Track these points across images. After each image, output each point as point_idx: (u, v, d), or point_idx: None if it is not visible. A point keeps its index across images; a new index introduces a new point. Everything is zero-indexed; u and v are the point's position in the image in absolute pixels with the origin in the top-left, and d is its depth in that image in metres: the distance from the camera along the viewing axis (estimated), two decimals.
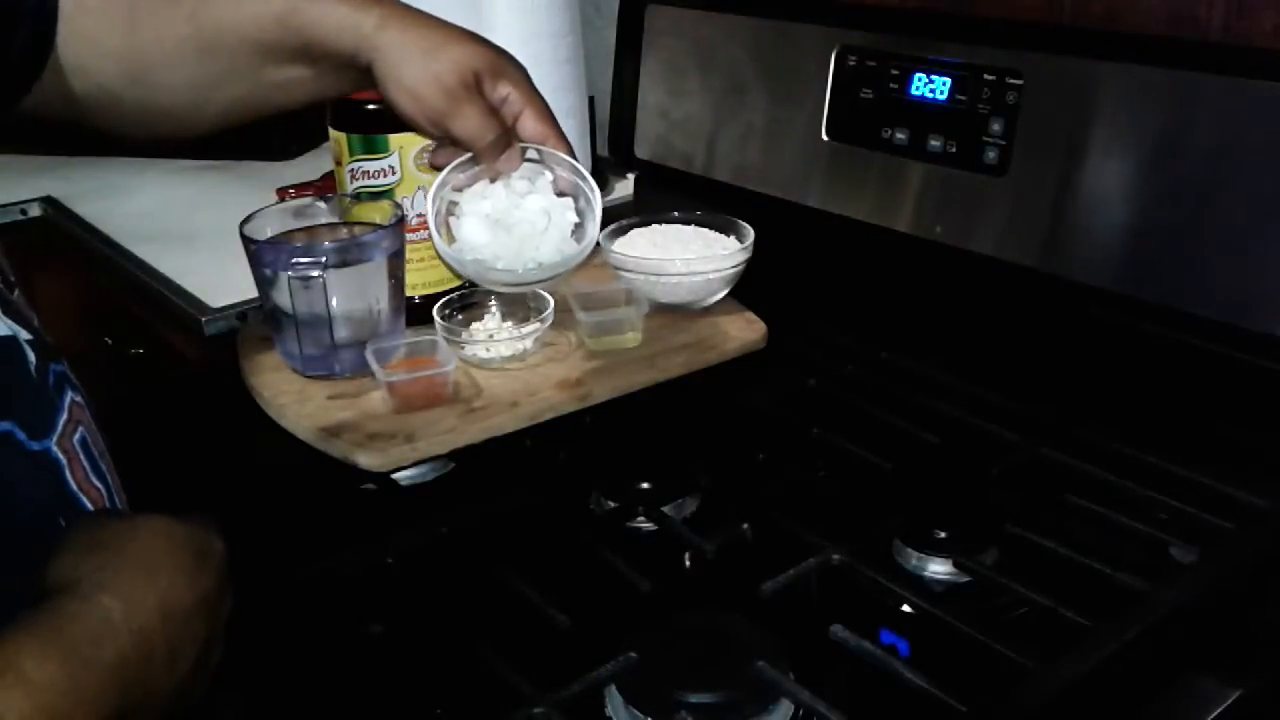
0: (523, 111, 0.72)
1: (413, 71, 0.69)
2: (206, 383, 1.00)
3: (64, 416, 0.57)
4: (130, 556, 0.48)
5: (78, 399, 0.59)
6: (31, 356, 0.55)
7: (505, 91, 0.71)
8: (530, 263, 0.71)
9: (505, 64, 0.72)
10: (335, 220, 0.86)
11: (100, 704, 0.44)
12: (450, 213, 0.73)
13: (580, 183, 0.73)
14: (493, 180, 0.73)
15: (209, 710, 0.62)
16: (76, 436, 0.57)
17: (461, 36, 0.71)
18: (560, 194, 0.74)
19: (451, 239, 0.73)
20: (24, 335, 0.56)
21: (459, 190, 0.73)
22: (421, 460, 0.76)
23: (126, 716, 0.45)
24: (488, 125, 0.70)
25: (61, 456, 0.55)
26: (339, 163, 0.88)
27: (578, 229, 0.74)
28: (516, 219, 0.72)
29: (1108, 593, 0.62)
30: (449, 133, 0.71)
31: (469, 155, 0.72)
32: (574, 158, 0.72)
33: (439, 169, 0.73)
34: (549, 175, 0.74)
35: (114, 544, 0.49)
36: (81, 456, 0.57)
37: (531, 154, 0.73)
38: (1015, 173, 0.88)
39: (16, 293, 0.59)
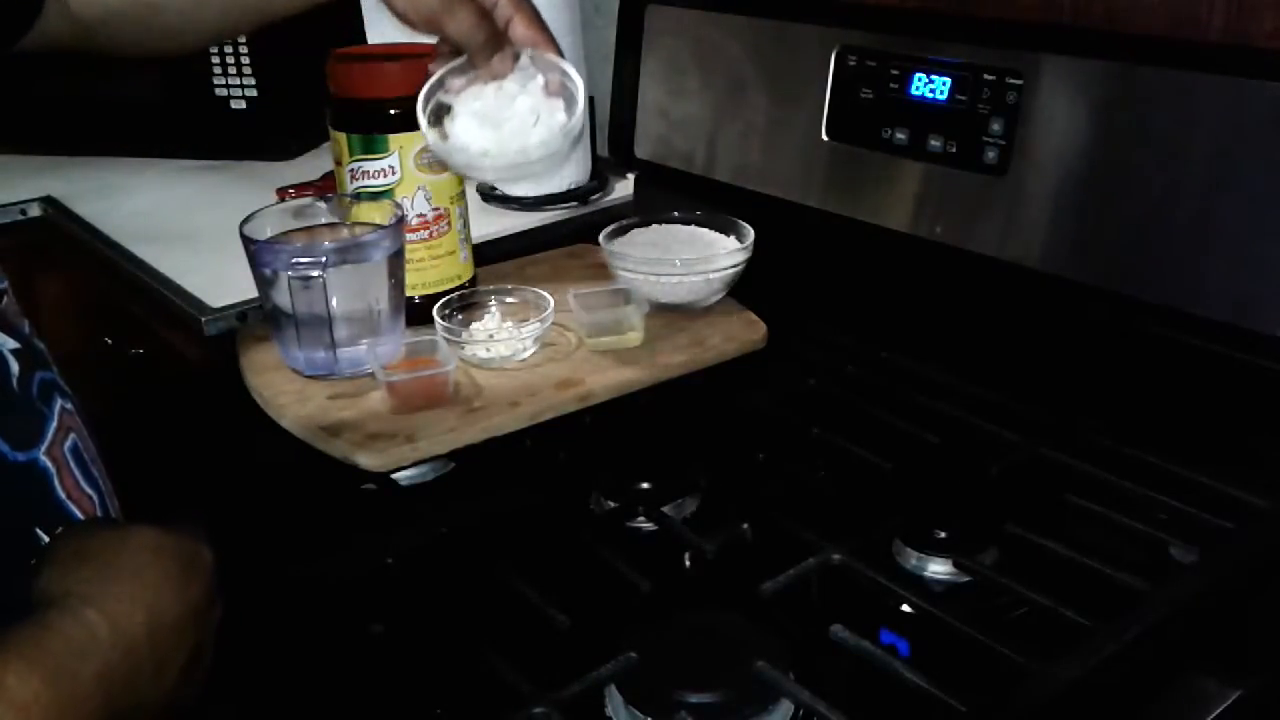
0: (513, 16, 0.73)
1: None
2: (206, 383, 1.00)
3: (54, 424, 0.57)
4: (118, 568, 0.48)
5: (68, 406, 0.59)
6: (14, 367, 0.55)
7: None
8: (517, 156, 0.72)
9: None
10: (335, 220, 0.86)
11: (85, 718, 0.44)
12: (445, 115, 0.75)
13: (567, 83, 0.74)
14: (486, 83, 0.74)
15: (206, 711, 0.62)
16: (67, 444, 0.57)
17: None
18: (551, 96, 0.75)
19: (445, 139, 0.75)
20: (9, 345, 0.55)
21: (454, 94, 0.74)
22: (421, 460, 0.76)
23: None
24: (479, 26, 0.71)
25: (50, 465, 0.55)
26: (339, 163, 0.88)
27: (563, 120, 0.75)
28: (506, 118, 0.73)
29: (1108, 593, 0.62)
30: (443, 32, 0.72)
31: (462, 60, 0.73)
32: (563, 58, 0.73)
33: None
34: (540, 79, 0.74)
35: (102, 555, 0.49)
36: (71, 464, 0.57)
37: (523, 60, 0.74)
38: (1015, 173, 0.88)
39: (5, 300, 0.59)
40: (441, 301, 0.87)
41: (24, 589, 0.47)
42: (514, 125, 0.73)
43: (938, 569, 0.67)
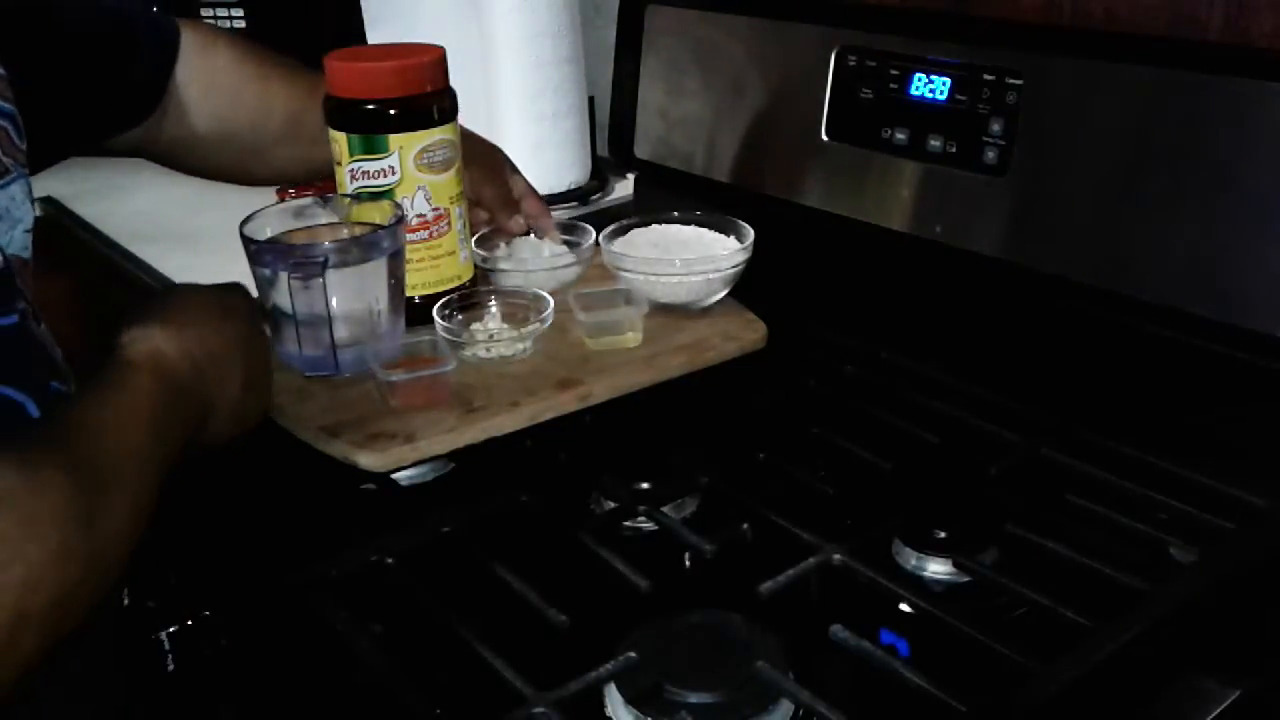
0: (525, 194, 0.99)
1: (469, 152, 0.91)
2: None
3: None
4: (162, 315, 0.63)
5: None
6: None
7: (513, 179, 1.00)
8: (549, 277, 0.94)
9: (509, 160, 1.01)
10: (335, 220, 0.86)
11: (184, 410, 0.60)
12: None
13: (573, 235, 0.99)
14: (507, 242, 0.98)
15: (208, 709, 0.62)
16: None
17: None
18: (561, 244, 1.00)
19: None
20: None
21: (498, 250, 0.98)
22: (421, 460, 0.76)
23: (202, 422, 0.62)
24: (505, 200, 0.97)
25: None
26: (339, 163, 0.88)
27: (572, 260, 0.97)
28: (540, 256, 0.98)
29: (1108, 593, 0.62)
30: (481, 201, 0.96)
31: (490, 228, 0.98)
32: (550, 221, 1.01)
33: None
34: (548, 236, 1.00)
35: (149, 310, 0.64)
36: None
37: (533, 237, 1.00)
38: (1015, 173, 0.88)
39: (43, 325, 0.64)
40: (441, 301, 0.87)
41: None
42: (543, 261, 0.96)
43: (938, 569, 0.67)
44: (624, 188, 1.31)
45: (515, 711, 0.56)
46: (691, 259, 0.89)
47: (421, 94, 0.86)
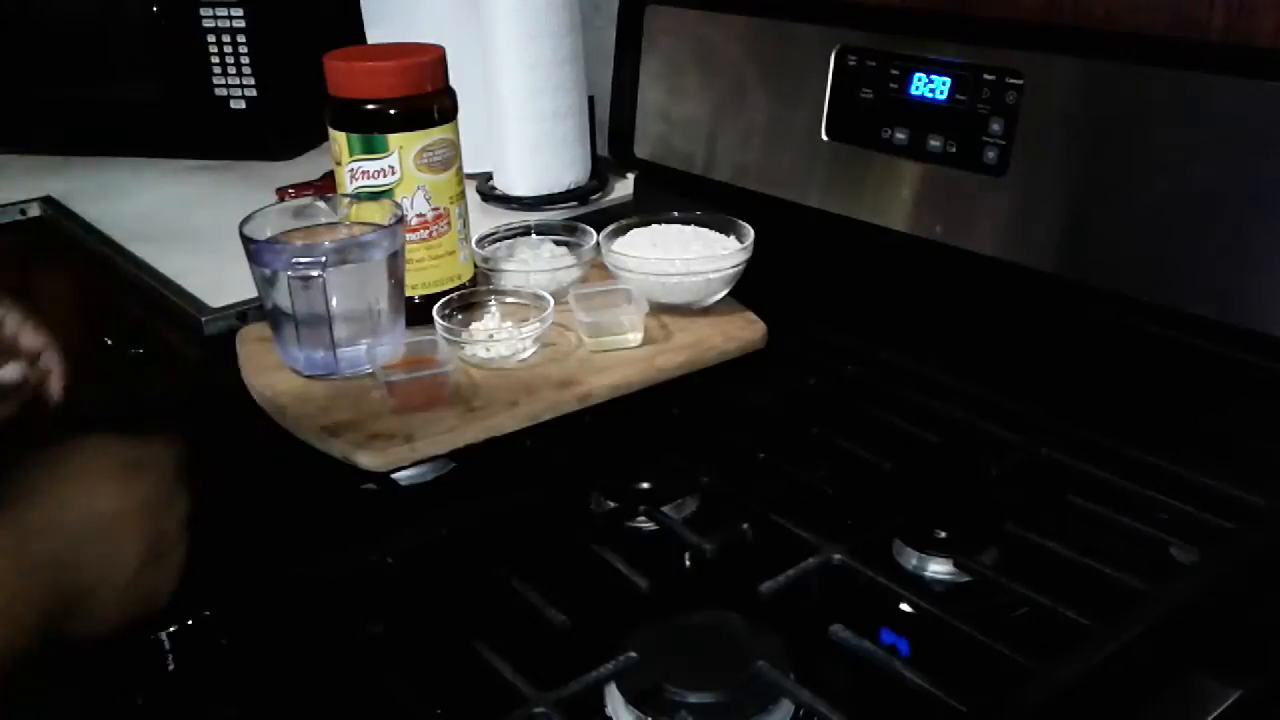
0: None
1: None
2: (206, 383, 1.00)
3: None
4: (60, 473, 0.56)
5: None
6: None
7: None
8: (549, 279, 0.94)
9: None
10: (335, 220, 0.86)
11: (38, 595, 0.50)
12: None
13: (569, 238, 1.01)
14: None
15: (208, 709, 0.62)
16: None
17: None
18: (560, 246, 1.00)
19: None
20: None
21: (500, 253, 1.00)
22: (421, 460, 0.76)
23: (71, 607, 0.52)
24: None
25: None
26: (339, 163, 0.88)
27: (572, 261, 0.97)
28: (541, 258, 0.97)
29: (1108, 593, 0.62)
30: None
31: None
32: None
33: None
34: (550, 239, 1.01)
35: (49, 464, 0.56)
36: None
37: (534, 237, 1.01)
38: (1015, 173, 0.88)
39: None
40: (441, 301, 0.87)
41: None
42: (543, 262, 0.96)
43: (938, 569, 0.67)
44: (624, 188, 1.30)
45: (515, 711, 0.56)
46: (691, 259, 0.89)
47: (421, 94, 0.86)
